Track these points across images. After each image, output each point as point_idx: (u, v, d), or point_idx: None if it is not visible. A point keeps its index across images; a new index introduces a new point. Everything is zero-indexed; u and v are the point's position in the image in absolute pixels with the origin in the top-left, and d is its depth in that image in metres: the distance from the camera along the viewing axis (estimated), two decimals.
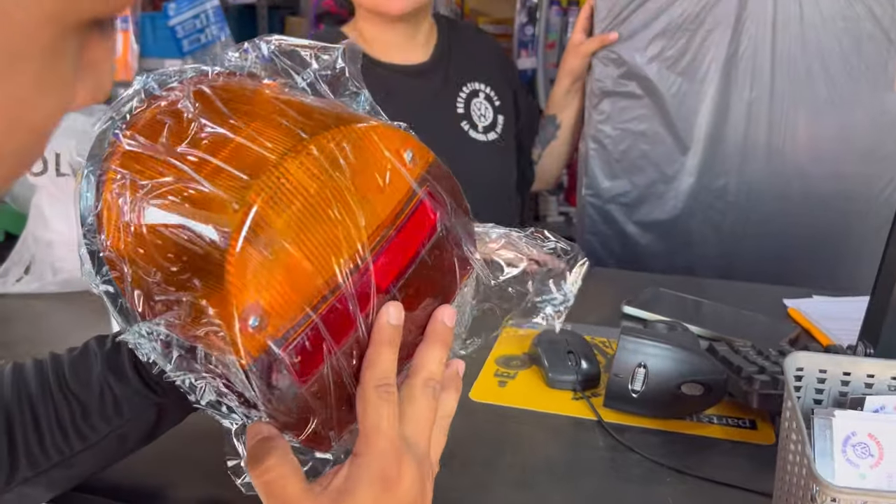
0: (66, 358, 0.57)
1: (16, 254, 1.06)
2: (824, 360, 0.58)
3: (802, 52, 1.26)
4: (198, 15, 2.59)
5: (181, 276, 0.42)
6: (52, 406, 0.55)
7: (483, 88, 1.42)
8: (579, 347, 0.84)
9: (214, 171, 0.41)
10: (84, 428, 0.55)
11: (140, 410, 0.56)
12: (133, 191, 0.44)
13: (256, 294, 0.39)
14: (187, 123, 0.43)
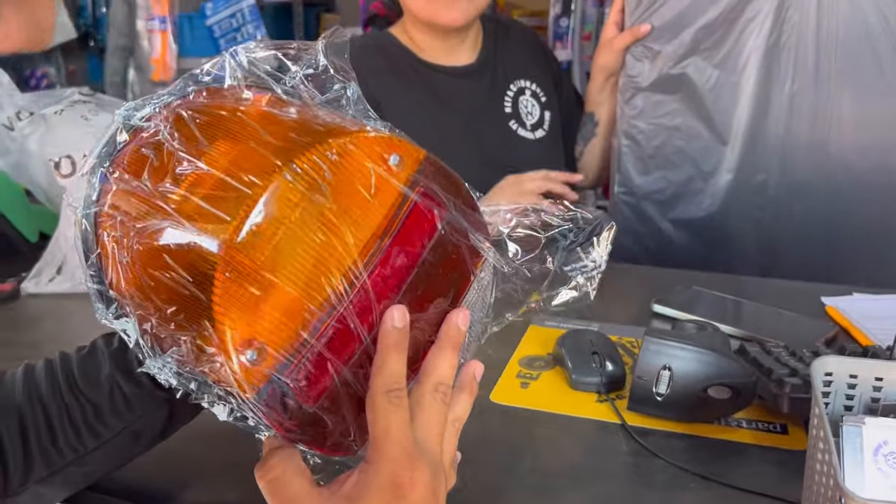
0: (75, 357, 0.57)
1: (48, 254, 1.07)
2: (854, 364, 0.55)
3: (848, 37, 1.19)
4: (234, 14, 2.62)
5: (177, 317, 0.42)
6: (64, 406, 0.55)
7: (529, 85, 1.43)
8: (604, 348, 0.82)
9: (195, 211, 0.41)
10: (97, 426, 0.56)
11: (151, 407, 0.56)
12: (125, 232, 0.44)
13: (249, 329, 0.40)
14: (167, 157, 0.43)
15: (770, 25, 1.24)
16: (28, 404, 0.55)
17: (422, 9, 1.29)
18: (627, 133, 1.41)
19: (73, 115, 1.27)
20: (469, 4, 1.27)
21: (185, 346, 0.42)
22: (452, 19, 1.27)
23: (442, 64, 1.36)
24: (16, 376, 0.57)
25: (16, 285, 1.06)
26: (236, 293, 0.39)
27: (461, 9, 1.26)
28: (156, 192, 0.42)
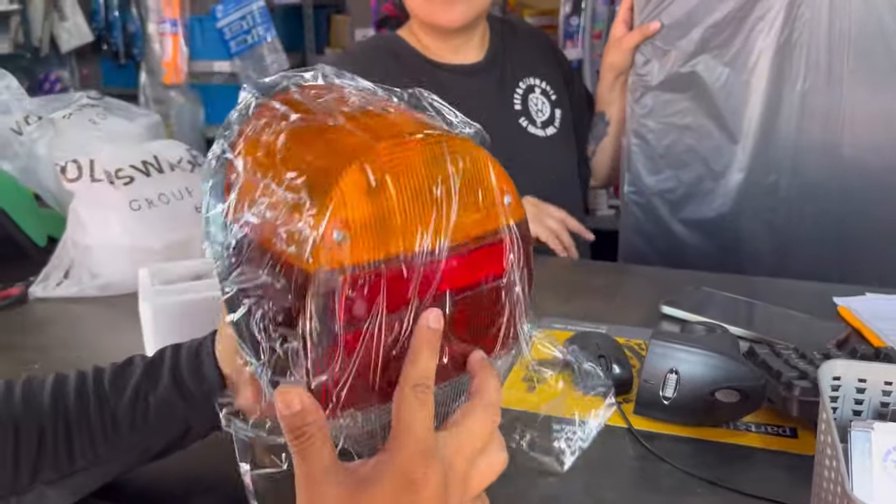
0: (109, 368, 0.59)
1: (56, 258, 1.08)
2: (863, 368, 0.54)
3: (861, 35, 1.18)
4: (244, 16, 2.63)
5: (295, 180, 0.44)
6: (86, 412, 0.56)
7: (539, 83, 1.43)
8: (611, 351, 0.81)
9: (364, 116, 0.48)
10: (114, 437, 0.57)
11: (168, 422, 0.57)
12: (270, 122, 0.49)
13: (352, 213, 0.43)
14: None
15: (781, 23, 1.22)
16: (52, 407, 0.56)
17: (420, 10, 1.30)
18: (637, 132, 1.40)
19: (82, 119, 1.28)
20: (467, 6, 1.27)
21: (283, 207, 0.44)
22: (451, 20, 1.28)
23: (449, 62, 1.36)
24: (46, 381, 0.59)
25: (24, 289, 1.06)
26: (361, 178, 0.43)
27: (459, 10, 1.27)
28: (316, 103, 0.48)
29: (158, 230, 1.07)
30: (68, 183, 1.05)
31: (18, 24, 3.02)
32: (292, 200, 0.44)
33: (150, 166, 1.11)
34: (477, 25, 1.36)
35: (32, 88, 3.12)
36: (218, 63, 2.86)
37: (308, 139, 0.47)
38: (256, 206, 0.46)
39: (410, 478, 0.44)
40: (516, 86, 1.40)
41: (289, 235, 0.44)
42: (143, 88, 2.98)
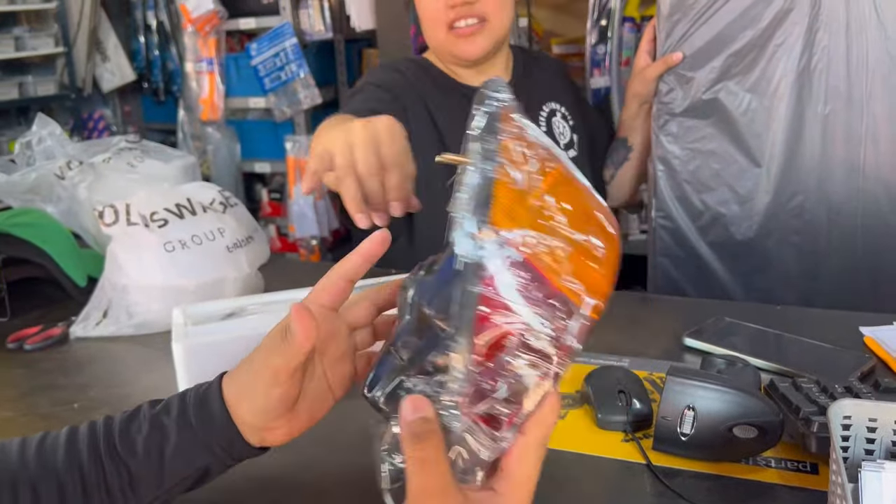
0: (118, 420, 0.59)
1: (95, 298, 1.12)
2: (873, 408, 0.54)
3: (878, 60, 1.19)
4: (278, 53, 2.69)
5: (589, 237, 0.49)
6: (102, 472, 0.57)
7: (559, 108, 1.47)
8: (631, 386, 0.82)
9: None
10: (130, 495, 0.57)
11: (185, 469, 0.58)
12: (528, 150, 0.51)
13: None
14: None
15: (800, 49, 1.23)
16: (67, 468, 0.57)
17: (441, 45, 1.34)
18: (662, 158, 1.40)
19: (120, 163, 1.33)
20: (484, 38, 1.31)
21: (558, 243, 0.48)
22: (469, 53, 1.32)
23: (477, 86, 1.37)
24: (59, 438, 0.59)
25: (65, 329, 1.11)
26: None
27: (479, 43, 1.31)
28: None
29: (191, 271, 1.10)
30: (105, 227, 1.09)
31: (63, 66, 3.13)
32: (584, 246, 0.48)
33: (184, 209, 1.15)
34: (498, 53, 1.39)
35: (77, 127, 3.23)
36: (253, 99, 2.92)
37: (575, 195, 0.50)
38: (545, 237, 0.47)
39: None
40: (540, 109, 1.44)
41: (577, 275, 0.47)
42: (181, 125, 3.06)
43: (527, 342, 0.47)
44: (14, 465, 0.57)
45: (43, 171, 1.30)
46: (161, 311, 1.08)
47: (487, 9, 1.29)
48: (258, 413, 0.57)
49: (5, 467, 0.56)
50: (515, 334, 0.46)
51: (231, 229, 1.17)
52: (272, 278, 1.23)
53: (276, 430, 0.58)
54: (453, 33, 1.30)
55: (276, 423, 0.57)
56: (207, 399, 0.59)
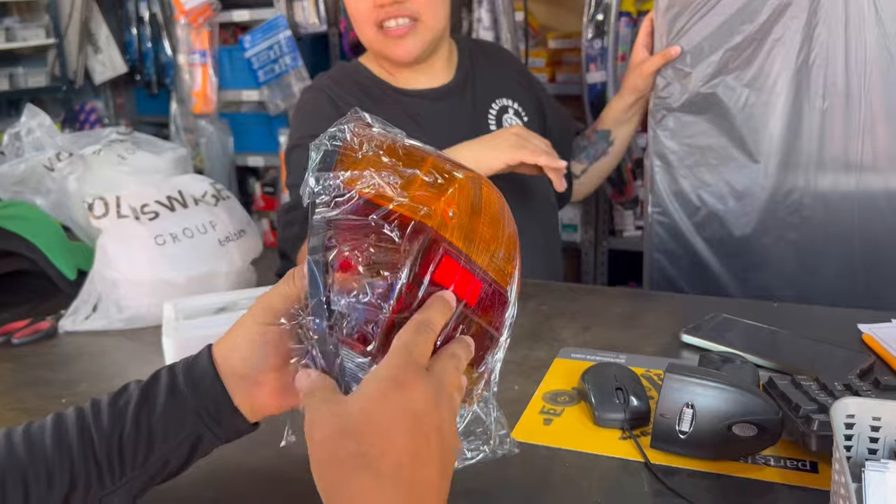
0: (106, 396, 0.60)
1: (84, 293, 1.10)
2: (877, 406, 0.53)
3: (877, 55, 1.18)
4: (271, 46, 2.67)
5: (421, 168, 0.55)
6: (91, 444, 0.57)
7: (511, 104, 1.41)
8: (629, 383, 0.80)
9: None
10: (119, 468, 0.57)
11: (174, 439, 0.58)
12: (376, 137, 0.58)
13: (461, 204, 0.55)
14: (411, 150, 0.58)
15: (799, 44, 1.22)
16: (56, 450, 0.56)
17: (370, 44, 1.28)
18: (659, 153, 1.39)
19: (110, 155, 1.31)
20: (415, 40, 1.25)
21: (407, 181, 0.54)
22: (403, 54, 1.26)
23: (417, 88, 1.33)
24: (45, 424, 0.59)
25: (53, 323, 1.09)
26: (469, 190, 0.56)
27: (410, 44, 1.25)
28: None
29: (182, 264, 1.09)
30: (95, 220, 1.07)
31: (55, 58, 3.10)
32: (415, 176, 0.54)
33: (175, 201, 1.13)
34: (437, 51, 1.33)
35: (69, 119, 3.20)
36: (246, 92, 2.90)
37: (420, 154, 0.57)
38: (379, 176, 0.54)
39: (398, 379, 0.48)
40: (489, 106, 1.37)
41: (412, 198, 0.53)
42: (173, 118, 3.03)
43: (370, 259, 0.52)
44: (1, 458, 0.56)
45: (32, 163, 1.28)
46: (152, 305, 1.06)
47: (418, 7, 1.22)
48: (251, 357, 0.58)
49: None
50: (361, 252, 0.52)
51: (223, 223, 1.15)
52: (265, 272, 1.22)
53: (264, 386, 0.58)
54: (382, 33, 1.24)
55: (267, 376, 0.58)
56: (196, 362, 0.59)
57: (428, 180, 0.54)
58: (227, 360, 0.59)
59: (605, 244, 2.48)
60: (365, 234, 0.52)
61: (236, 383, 0.58)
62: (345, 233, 0.52)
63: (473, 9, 2.38)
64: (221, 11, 2.85)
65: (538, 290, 1.17)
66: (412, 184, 0.54)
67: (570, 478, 0.71)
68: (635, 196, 2.37)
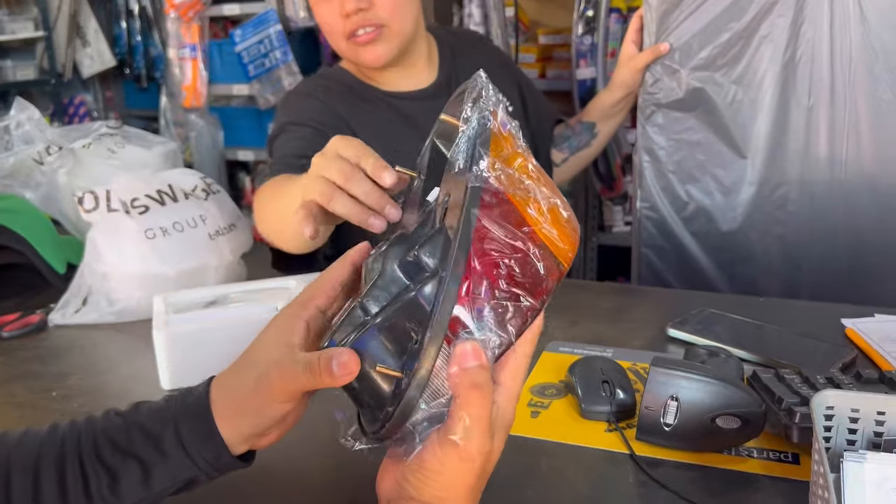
0: (101, 425, 0.57)
1: (74, 286, 1.10)
2: (855, 398, 0.54)
3: (861, 53, 1.19)
4: (262, 40, 2.67)
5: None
6: (82, 475, 0.55)
7: None
8: (615, 376, 0.81)
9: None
10: (111, 498, 0.55)
11: (168, 485, 0.56)
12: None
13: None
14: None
15: (785, 41, 1.23)
16: (48, 465, 0.55)
17: (344, 55, 1.28)
18: (648, 149, 1.40)
19: (100, 149, 1.31)
20: (384, 45, 1.23)
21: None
22: (371, 61, 1.24)
23: (405, 90, 1.32)
24: (40, 434, 0.57)
25: (43, 317, 1.09)
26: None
27: (377, 50, 1.23)
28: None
29: (173, 258, 1.09)
30: (85, 213, 1.07)
31: (43, 51, 3.09)
32: (555, 205, 0.50)
33: (165, 195, 1.13)
34: (412, 51, 1.31)
35: (58, 112, 3.18)
36: (237, 86, 2.89)
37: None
38: (539, 191, 0.50)
39: (479, 467, 0.48)
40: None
41: (558, 230, 0.50)
42: (163, 112, 3.03)
43: (513, 275, 0.48)
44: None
45: (21, 157, 1.28)
46: (142, 298, 1.07)
47: (383, 13, 1.21)
48: (258, 426, 0.55)
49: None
50: (504, 266, 0.47)
51: (213, 217, 1.16)
52: (255, 266, 1.22)
53: (269, 436, 0.57)
54: (353, 42, 1.23)
55: (273, 429, 0.56)
56: (197, 416, 0.56)
57: (565, 215, 0.51)
58: (230, 421, 0.56)
59: (595, 239, 2.49)
60: (511, 247, 0.48)
61: (239, 440, 0.56)
62: (488, 231, 0.47)
63: (464, 4, 2.39)
64: (212, 5, 2.85)
65: None
66: (553, 212, 0.50)
67: (556, 469, 0.72)
68: (624, 192, 2.38)
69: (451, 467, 0.47)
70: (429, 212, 0.57)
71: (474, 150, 0.49)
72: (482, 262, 0.47)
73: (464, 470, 0.48)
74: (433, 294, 0.47)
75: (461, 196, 0.48)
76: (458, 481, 0.48)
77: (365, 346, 0.49)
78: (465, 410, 0.46)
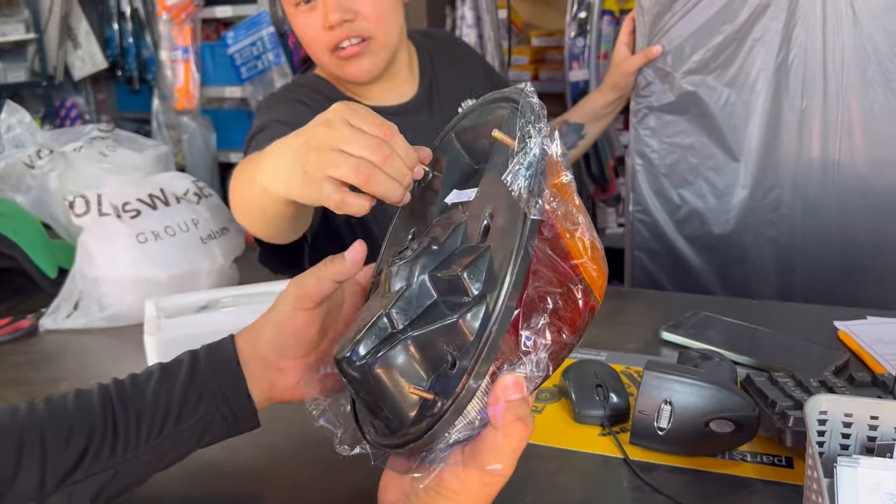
0: (129, 375, 0.62)
1: (65, 291, 1.10)
2: (849, 403, 0.54)
3: (854, 55, 1.19)
4: (254, 42, 2.66)
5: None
6: (112, 412, 0.59)
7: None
8: (608, 380, 0.81)
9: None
10: (133, 435, 0.59)
11: (187, 419, 0.60)
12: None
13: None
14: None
15: (778, 44, 1.23)
16: (78, 413, 0.58)
17: (327, 68, 1.22)
18: (640, 152, 1.41)
19: (92, 152, 1.30)
20: (370, 59, 1.18)
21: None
22: (357, 76, 1.19)
23: (383, 105, 1.25)
24: (68, 394, 0.61)
25: (34, 322, 1.09)
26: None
27: (363, 64, 1.18)
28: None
29: (164, 262, 1.09)
30: (77, 217, 1.07)
31: (34, 53, 3.08)
32: (594, 240, 0.52)
33: (157, 199, 1.13)
34: (394, 64, 1.24)
35: (49, 115, 3.17)
36: (229, 88, 2.89)
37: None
38: (587, 226, 0.51)
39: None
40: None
41: (597, 266, 0.51)
42: (155, 114, 3.02)
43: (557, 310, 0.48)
44: (21, 419, 0.58)
45: (12, 160, 1.27)
46: (133, 303, 1.06)
47: (368, 24, 1.15)
48: (276, 342, 0.60)
49: (14, 420, 0.58)
50: (549, 302, 0.48)
51: (205, 220, 1.15)
52: (247, 270, 1.22)
53: (287, 373, 0.61)
54: (337, 56, 1.17)
55: (291, 362, 0.61)
56: (218, 346, 0.62)
57: (599, 248, 0.51)
58: (253, 345, 0.61)
59: None
60: (559, 282, 0.49)
61: (258, 369, 0.61)
62: (540, 265, 0.48)
63: (457, 6, 2.39)
64: (204, 7, 2.84)
65: None
66: (594, 246, 0.51)
67: (550, 474, 0.72)
68: (617, 194, 2.38)
69: (472, 489, 0.49)
70: (454, 221, 0.55)
71: (535, 179, 0.48)
72: (531, 295, 0.47)
73: (483, 494, 0.49)
74: (479, 323, 0.47)
75: (514, 222, 0.47)
76: (474, 502, 0.49)
77: (394, 361, 0.49)
78: (506, 441, 0.47)
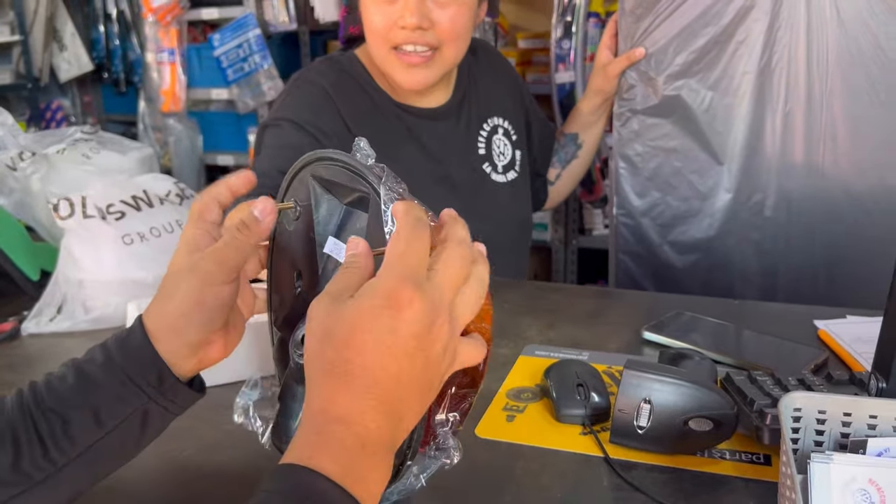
0: (43, 379, 0.58)
1: (48, 294, 1.09)
2: (822, 400, 0.55)
3: (838, 58, 1.20)
4: (241, 44, 2.66)
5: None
6: (32, 425, 0.55)
7: (501, 123, 1.38)
8: (590, 379, 0.82)
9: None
10: (65, 443, 0.55)
11: (120, 412, 0.56)
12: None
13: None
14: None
15: (761, 47, 1.24)
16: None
17: (384, 64, 1.20)
18: (624, 156, 1.41)
19: (75, 154, 1.30)
20: (431, 71, 1.18)
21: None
22: (411, 84, 1.19)
23: (418, 106, 1.27)
24: None
25: (16, 325, 1.08)
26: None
27: (421, 75, 1.18)
28: None
29: (150, 263, 1.08)
30: (61, 220, 1.06)
31: (20, 55, 3.06)
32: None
33: (141, 201, 1.13)
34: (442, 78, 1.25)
35: (35, 117, 3.16)
36: (216, 90, 2.89)
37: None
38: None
39: (395, 297, 0.45)
40: (481, 127, 1.33)
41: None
42: (142, 116, 3.01)
43: None
44: None
45: None
46: (119, 305, 1.06)
47: (443, 37, 1.15)
48: (198, 331, 0.56)
49: None
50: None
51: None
52: None
53: (214, 345, 0.58)
54: (397, 55, 1.16)
55: (216, 335, 0.58)
56: (128, 336, 0.57)
57: (488, 295, 0.54)
58: (170, 330, 0.57)
59: (575, 243, 2.51)
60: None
61: (182, 351, 0.57)
62: None
63: None
64: (190, 9, 2.84)
65: (505, 288, 1.18)
66: (488, 299, 0.54)
67: (531, 473, 0.72)
68: (604, 195, 2.40)
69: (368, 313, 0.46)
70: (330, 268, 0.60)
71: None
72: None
73: (384, 317, 0.45)
74: None
75: None
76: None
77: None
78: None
